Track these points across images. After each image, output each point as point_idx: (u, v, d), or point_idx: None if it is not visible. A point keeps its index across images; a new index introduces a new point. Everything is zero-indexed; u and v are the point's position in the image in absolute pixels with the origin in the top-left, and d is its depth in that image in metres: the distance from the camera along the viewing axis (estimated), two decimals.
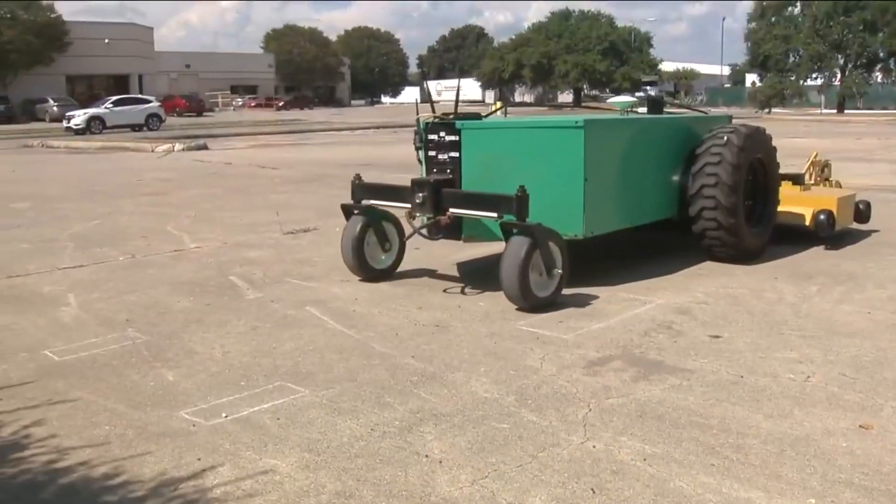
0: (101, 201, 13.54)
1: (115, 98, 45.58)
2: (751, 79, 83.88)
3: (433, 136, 7.39)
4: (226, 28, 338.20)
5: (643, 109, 9.45)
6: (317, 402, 4.50)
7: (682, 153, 7.85)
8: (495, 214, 6.44)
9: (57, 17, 63.81)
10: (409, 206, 7.02)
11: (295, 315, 6.30)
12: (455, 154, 7.21)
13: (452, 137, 7.23)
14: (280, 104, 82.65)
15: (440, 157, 7.34)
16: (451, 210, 6.80)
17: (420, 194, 6.88)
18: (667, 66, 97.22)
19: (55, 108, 52.57)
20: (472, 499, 3.40)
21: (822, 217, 8.46)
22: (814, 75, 68.16)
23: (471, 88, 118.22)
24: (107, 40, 66.96)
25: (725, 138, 7.62)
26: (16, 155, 26.21)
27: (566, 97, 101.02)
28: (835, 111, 63.56)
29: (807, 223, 8.56)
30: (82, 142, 31.57)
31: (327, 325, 6.01)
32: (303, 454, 3.84)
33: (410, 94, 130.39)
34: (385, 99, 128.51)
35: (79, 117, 41.33)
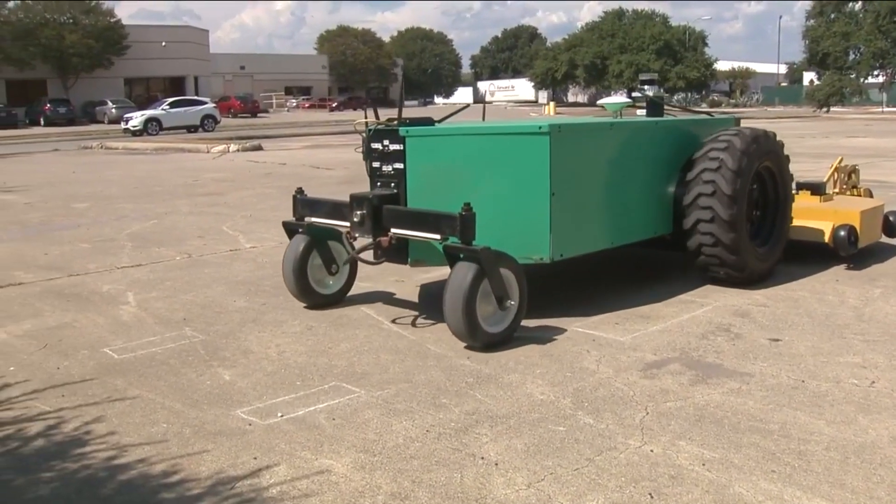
0: (159, 201, 13.75)
1: (171, 100, 46.46)
2: (808, 77, 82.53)
3: (377, 145, 6.53)
4: (279, 30, 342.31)
5: (642, 112, 8.75)
6: (372, 402, 4.50)
7: (679, 161, 6.99)
8: (438, 236, 5.61)
9: (116, 21, 65.05)
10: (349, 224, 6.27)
11: (350, 315, 6.32)
12: (400, 165, 6.38)
13: (396, 146, 6.39)
14: (334, 105, 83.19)
15: (384, 168, 6.50)
16: (393, 230, 6.01)
17: (358, 212, 6.08)
18: (722, 66, 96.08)
19: (113, 110, 53.66)
20: (529, 502, 3.37)
21: (841, 233, 7.46)
22: (875, 73, 66.82)
23: (524, 89, 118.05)
24: (163, 43, 68.05)
25: (726, 142, 6.78)
26: (76, 156, 26.77)
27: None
28: None
29: (826, 240, 7.60)
30: (140, 143, 32.13)
31: (382, 326, 6.02)
32: (358, 455, 3.84)
33: (463, 94, 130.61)
34: (438, 99, 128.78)
35: (136, 119, 42.18)
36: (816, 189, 8.22)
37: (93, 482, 3.62)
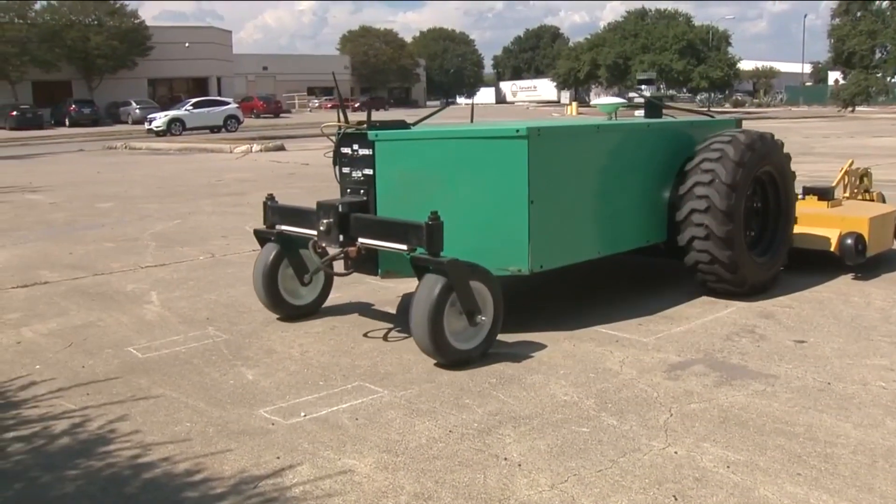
0: (182, 201, 13.82)
1: (194, 100, 46.72)
2: (833, 76, 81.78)
3: (346, 150, 6.17)
4: (302, 30, 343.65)
5: (641, 112, 8.38)
6: (395, 402, 4.50)
7: (674, 165, 6.62)
8: (405, 246, 5.25)
9: (140, 22, 65.53)
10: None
11: (373, 315, 6.33)
12: (369, 171, 6.01)
13: (366, 151, 6.01)
14: (356, 105, 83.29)
15: (354, 174, 6.13)
16: (360, 240, 5.68)
17: (325, 220, 5.73)
18: (746, 65, 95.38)
19: (137, 111, 54.02)
20: (552, 503, 3.35)
21: (848, 241, 7.06)
22: None
23: (547, 89, 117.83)
24: (187, 44, 68.42)
25: (719, 151, 6.37)
26: (101, 157, 26.97)
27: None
28: None
29: (832, 248, 7.16)
30: (163, 143, 32.32)
31: (405, 325, 6.01)
32: (381, 455, 3.84)
33: (486, 94, 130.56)
34: (460, 100, 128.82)
35: (160, 119, 42.46)
36: (824, 194, 7.86)
37: (117, 480, 3.64)
